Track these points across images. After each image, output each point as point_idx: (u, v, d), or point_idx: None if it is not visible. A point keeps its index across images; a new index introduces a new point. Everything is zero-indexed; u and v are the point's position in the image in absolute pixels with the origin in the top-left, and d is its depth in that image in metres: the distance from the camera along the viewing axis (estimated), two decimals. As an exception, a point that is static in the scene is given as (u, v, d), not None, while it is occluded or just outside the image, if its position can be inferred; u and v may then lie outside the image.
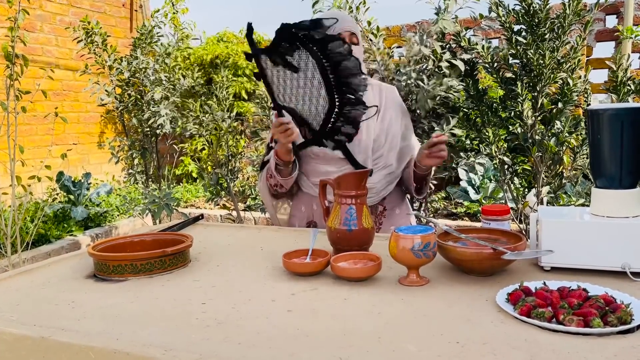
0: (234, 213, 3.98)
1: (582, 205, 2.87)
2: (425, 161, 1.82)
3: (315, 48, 1.57)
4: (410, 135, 2.04)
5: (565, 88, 2.46)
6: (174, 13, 4.99)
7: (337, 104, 1.70)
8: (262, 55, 1.63)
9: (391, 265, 1.31)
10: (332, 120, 1.74)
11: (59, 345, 0.97)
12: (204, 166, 4.86)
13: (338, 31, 1.83)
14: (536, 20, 2.40)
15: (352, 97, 1.67)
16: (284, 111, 1.75)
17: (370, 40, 3.23)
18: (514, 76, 2.57)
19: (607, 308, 0.98)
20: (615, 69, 2.38)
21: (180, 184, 6.55)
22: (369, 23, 3.26)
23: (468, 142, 3.15)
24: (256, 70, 1.67)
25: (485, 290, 1.17)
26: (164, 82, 4.29)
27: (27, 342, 1.01)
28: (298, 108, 1.74)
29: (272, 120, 1.84)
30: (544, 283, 1.13)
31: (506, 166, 2.77)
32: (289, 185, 1.96)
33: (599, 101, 3.48)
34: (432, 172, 1.94)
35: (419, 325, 1.00)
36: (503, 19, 2.51)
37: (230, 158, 3.93)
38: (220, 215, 5.10)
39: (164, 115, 3.99)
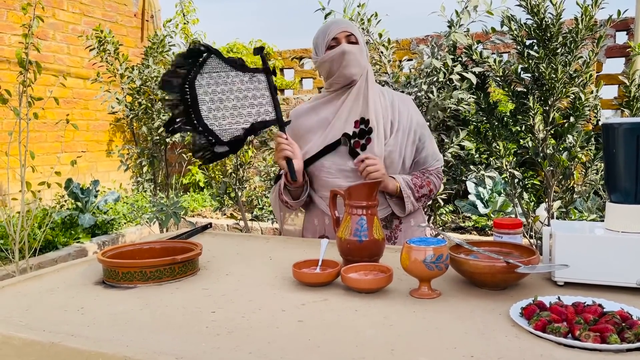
0: (241, 223, 3.97)
1: (594, 221, 2.85)
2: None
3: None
4: (423, 147, 1.96)
5: (577, 102, 2.45)
6: (184, 23, 5.05)
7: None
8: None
9: (402, 277, 1.30)
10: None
11: (69, 351, 0.96)
12: (212, 175, 4.86)
13: (334, 34, 1.84)
14: (548, 35, 2.40)
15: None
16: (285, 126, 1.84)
17: (381, 52, 3.24)
18: (525, 90, 2.57)
19: (623, 324, 0.96)
20: (628, 84, 2.37)
21: (188, 193, 6.56)
22: (380, 35, 3.27)
23: (477, 155, 3.14)
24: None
25: (498, 304, 1.15)
26: (174, 91, 4.30)
27: (37, 347, 1.00)
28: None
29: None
30: (559, 298, 1.12)
31: (516, 180, 2.75)
32: (299, 206, 1.96)
33: (606, 118, 3.47)
34: (401, 191, 1.85)
35: (431, 338, 0.99)
36: (515, 33, 2.51)
37: (238, 167, 3.93)
38: (227, 225, 5.10)
39: (173, 124, 3.99)
